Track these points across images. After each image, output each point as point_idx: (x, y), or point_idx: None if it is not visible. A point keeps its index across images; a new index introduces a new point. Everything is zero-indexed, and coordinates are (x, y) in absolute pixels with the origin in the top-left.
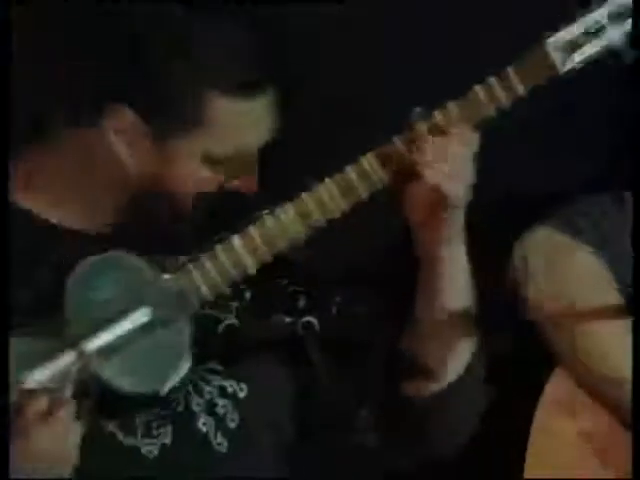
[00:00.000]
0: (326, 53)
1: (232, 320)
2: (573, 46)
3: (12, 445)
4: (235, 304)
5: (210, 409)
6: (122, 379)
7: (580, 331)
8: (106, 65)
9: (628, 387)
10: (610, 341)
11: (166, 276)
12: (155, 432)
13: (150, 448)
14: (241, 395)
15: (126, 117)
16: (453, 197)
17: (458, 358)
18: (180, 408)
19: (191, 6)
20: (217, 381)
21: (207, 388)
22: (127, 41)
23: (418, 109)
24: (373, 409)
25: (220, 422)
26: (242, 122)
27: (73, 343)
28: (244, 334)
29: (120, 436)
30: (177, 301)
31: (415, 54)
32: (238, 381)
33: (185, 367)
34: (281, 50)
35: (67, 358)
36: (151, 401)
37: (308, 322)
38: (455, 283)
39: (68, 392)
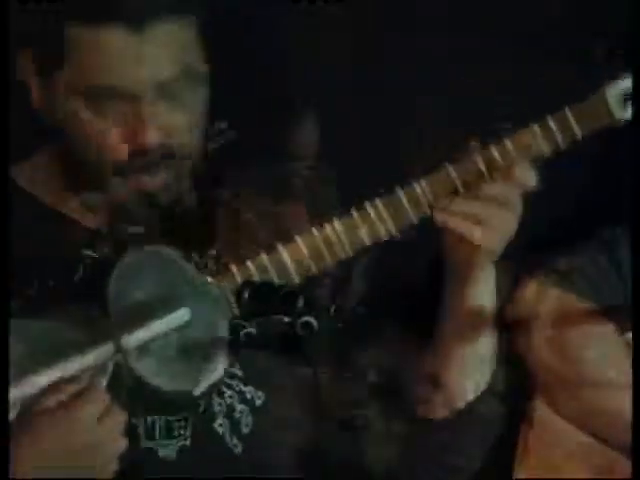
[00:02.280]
0: (326, 53)
1: (251, 329)
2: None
3: (34, 432)
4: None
5: (229, 413)
6: (157, 376)
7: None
8: None
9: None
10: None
11: (209, 278)
12: (176, 433)
13: (168, 451)
14: (258, 403)
15: (22, 61)
16: (486, 250)
17: (479, 377)
18: (201, 409)
19: None
20: (238, 386)
21: (228, 392)
22: None
23: (474, 143)
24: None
25: (235, 426)
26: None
27: (112, 336)
28: (261, 342)
29: (141, 438)
30: (217, 304)
31: (415, 56)
32: (257, 388)
33: (221, 369)
34: None
35: (105, 350)
36: (178, 403)
37: (306, 322)
38: (480, 301)
39: (103, 383)
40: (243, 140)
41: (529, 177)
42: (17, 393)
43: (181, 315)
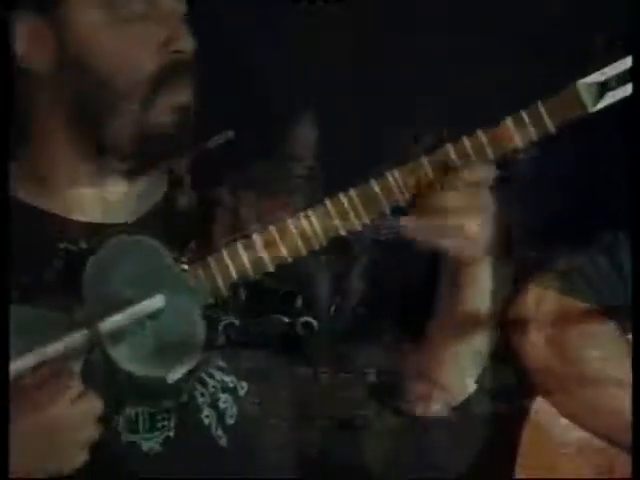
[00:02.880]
0: (326, 53)
1: (232, 319)
2: (605, 88)
3: (16, 418)
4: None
5: (213, 403)
6: (130, 362)
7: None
8: None
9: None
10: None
11: (185, 266)
12: (159, 424)
13: (151, 444)
14: (241, 392)
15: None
16: (464, 256)
17: (472, 374)
18: (184, 399)
19: None
20: (220, 376)
21: (211, 382)
22: None
23: (447, 135)
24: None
25: (221, 417)
26: None
27: (87, 322)
28: (244, 333)
29: (122, 433)
30: (192, 292)
31: (415, 56)
32: (239, 378)
33: (194, 359)
34: None
35: (79, 336)
36: (156, 393)
37: (306, 322)
38: (474, 302)
39: (77, 368)
40: (242, 140)
41: (486, 173)
42: None
43: (155, 302)
